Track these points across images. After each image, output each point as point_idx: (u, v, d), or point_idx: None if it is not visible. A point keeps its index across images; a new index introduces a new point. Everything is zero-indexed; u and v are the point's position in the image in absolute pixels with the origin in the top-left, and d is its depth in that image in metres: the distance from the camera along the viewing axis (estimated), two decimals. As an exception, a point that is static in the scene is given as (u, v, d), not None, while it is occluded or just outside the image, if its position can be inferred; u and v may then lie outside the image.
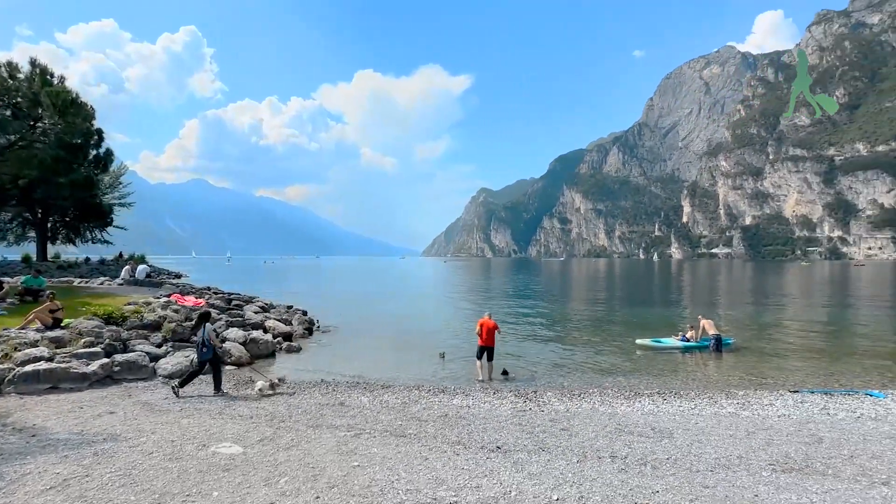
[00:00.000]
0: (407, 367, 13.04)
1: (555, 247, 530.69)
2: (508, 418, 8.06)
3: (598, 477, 5.48)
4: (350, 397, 9.48)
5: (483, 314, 12.66)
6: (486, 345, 11.91)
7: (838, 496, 5.01)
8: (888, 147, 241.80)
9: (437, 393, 9.99)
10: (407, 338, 18.13)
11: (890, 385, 11.10)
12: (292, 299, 27.57)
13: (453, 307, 30.92)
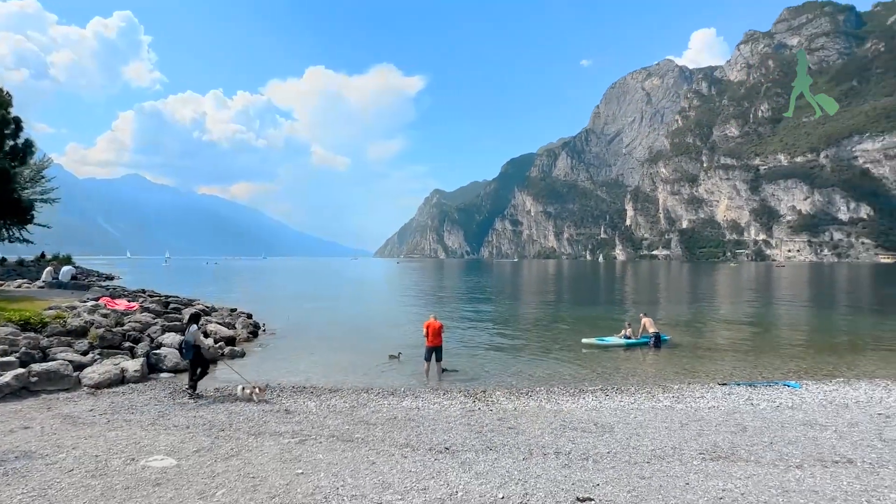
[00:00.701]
0: (357, 371, 12.81)
1: (506, 248, 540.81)
2: (458, 419, 8.11)
3: (543, 473, 5.61)
4: (296, 403, 9.19)
5: (428, 315, 12.67)
6: (434, 345, 11.96)
7: (759, 480, 5.40)
8: (805, 159, 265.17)
9: (386, 395, 9.88)
10: (357, 340, 17.82)
11: (804, 376, 12.13)
12: (236, 302, 26.42)
13: (406, 309, 30.76)
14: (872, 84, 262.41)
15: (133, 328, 13.71)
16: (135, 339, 12.89)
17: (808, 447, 6.58)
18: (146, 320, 14.97)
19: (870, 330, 21.08)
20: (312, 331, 19.86)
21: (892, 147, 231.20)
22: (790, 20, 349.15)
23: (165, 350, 12.31)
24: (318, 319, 23.95)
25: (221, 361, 12.63)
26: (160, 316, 16.83)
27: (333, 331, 20.23)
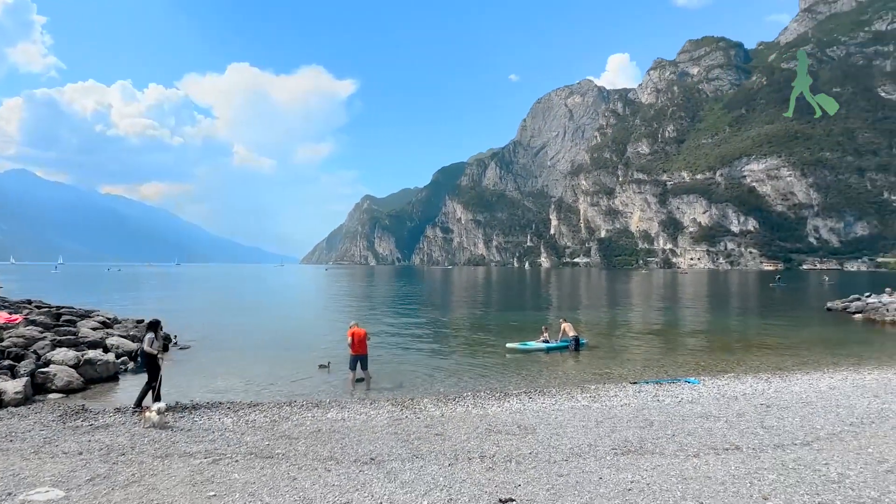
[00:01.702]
0: (281, 383, 12.23)
1: (437, 255, 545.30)
2: (384, 428, 8.01)
3: (468, 478, 5.70)
4: (210, 419, 8.59)
5: (351, 323, 12.44)
6: (359, 353, 11.78)
7: (663, 470, 5.87)
8: (704, 176, 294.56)
9: (310, 408, 9.53)
10: (283, 351, 17.04)
11: (703, 372, 13.39)
12: (145, 312, 24.22)
13: (336, 316, 29.93)
14: (757, 112, 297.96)
15: (14, 344, 12.09)
16: (16, 356, 11.38)
17: (703, 437, 7.26)
18: (32, 335, 13.25)
19: (755, 329, 23.81)
20: (233, 343, 18.69)
21: (773, 168, 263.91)
22: (692, 51, 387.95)
23: (55, 368, 10.98)
24: (239, 330, 22.60)
25: (124, 378, 11.50)
26: (50, 329, 15.01)
27: (257, 342, 19.18)
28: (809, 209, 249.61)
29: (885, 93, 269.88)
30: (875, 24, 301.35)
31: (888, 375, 12.05)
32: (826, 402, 9.35)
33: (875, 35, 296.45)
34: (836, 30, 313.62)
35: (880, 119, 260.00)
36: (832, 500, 4.90)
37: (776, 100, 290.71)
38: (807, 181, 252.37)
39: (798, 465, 5.91)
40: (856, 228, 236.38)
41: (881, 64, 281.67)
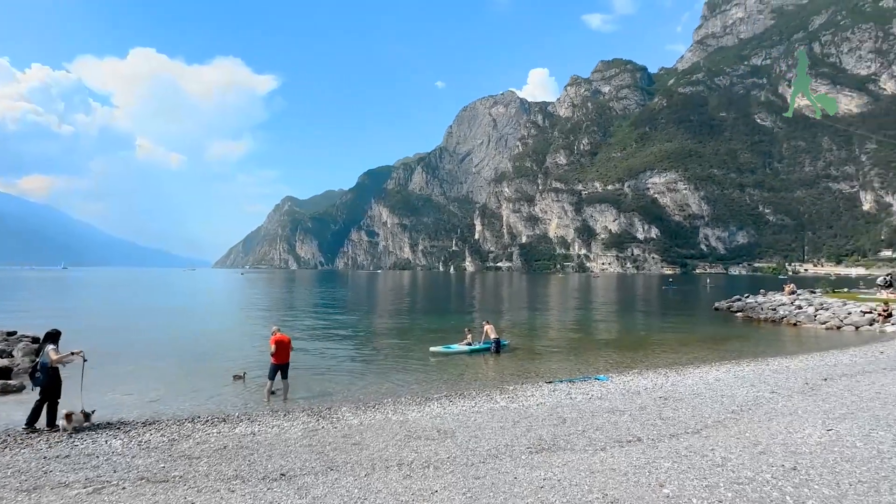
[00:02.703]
0: (185, 397, 11.21)
1: (362, 259, 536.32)
2: (298, 440, 7.60)
3: (384, 488, 5.55)
4: (95, 443, 7.62)
5: (273, 329, 11.78)
6: (281, 362, 11.16)
7: (573, 466, 6.13)
8: (614, 187, 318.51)
9: (216, 423, 8.81)
10: (190, 362, 15.67)
11: (611, 370, 14.32)
12: (18, 322, 21.15)
13: (252, 323, 28.18)
14: (659, 131, 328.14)
15: None
16: None
17: (610, 431, 7.71)
18: None
19: (655, 328, 26.02)
20: (132, 355, 16.85)
21: (672, 182, 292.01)
22: (603, 71, 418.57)
23: None
24: (140, 341, 20.45)
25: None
26: None
27: (161, 354, 17.46)
28: (701, 220, 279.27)
29: (760, 119, 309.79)
30: (753, 59, 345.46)
31: (762, 367, 13.68)
32: (713, 392, 10.38)
33: (753, 68, 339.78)
34: (722, 62, 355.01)
35: (756, 142, 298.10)
36: (717, 482, 5.40)
37: (674, 120, 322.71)
38: (699, 194, 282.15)
39: (689, 452, 6.46)
40: (737, 237, 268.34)
41: (757, 94, 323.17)
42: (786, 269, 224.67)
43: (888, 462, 5.84)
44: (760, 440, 6.90)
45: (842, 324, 23.65)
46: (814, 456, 6.15)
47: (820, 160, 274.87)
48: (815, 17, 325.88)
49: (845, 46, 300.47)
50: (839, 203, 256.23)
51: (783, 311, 28.03)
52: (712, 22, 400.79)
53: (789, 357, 15.40)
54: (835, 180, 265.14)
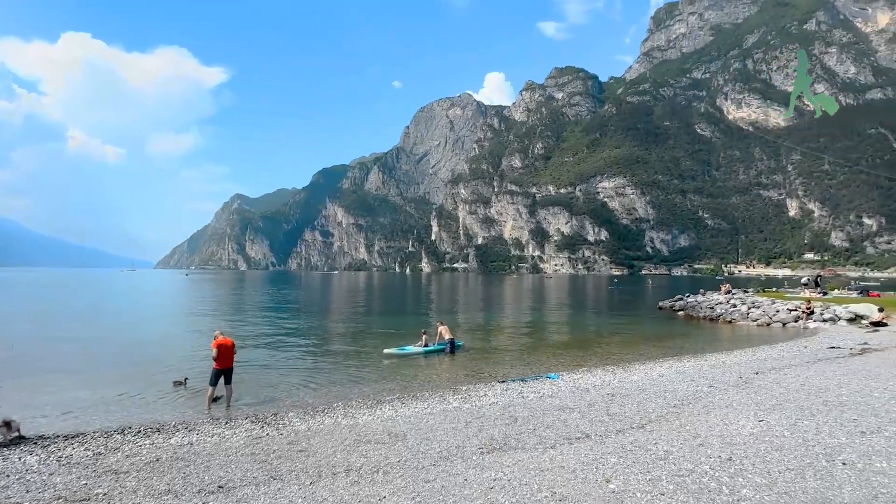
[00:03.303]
0: (116, 407, 10.41)
1: (316, 260, 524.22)
2: (240, 449, 7.20)
3: (330, 496, 5.33)
4: (7, 460, 6.89)
5: (216, 332, 11.18)
6: (225, 367, 10.61)
7: (523, 465, 6.13)
8: (567, 191, 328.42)
9: (149, 433, 8.21)
10: (126, 369, 14.62)
11: (562, 368, 14.62)
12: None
13: (197, 326, 26.72)
14: (609, 138, 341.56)
15: None
16: None
17: (560, 429, 7.82)
18: None
19: (604, 327, 26.93)
20: (57, 361, 15.52)
21: (620, 187, 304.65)
22: (557, 78, 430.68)
23: None
24: (68, 346, 18.88)
25: None
26: None
27: (90, 361, 16.19)
28: (647, 223, 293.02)
29: (700, 129, 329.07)
30: (694, 72, 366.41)
31: (701, 362, 14.40)
32: (657, 388, 10.79)
33: (694, 81, 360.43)
34: (667, 74, 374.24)
35: (697, 150, 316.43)
36: (659, 475, 5.56)
37: (623, 127, 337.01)
38: (645, 199, 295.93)
39: (634, 447, 6.64)
40: (680, 240, 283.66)
41: (698, 105, 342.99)
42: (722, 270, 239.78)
43: (812, 450, 6.24)
44: (700, 433, 7.20)
45: (771, 321, 25.38)
46: (747, 446, 6.47)
47: (752, 169, 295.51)
48: (749, 36, 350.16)
49: (774, 64, 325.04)
50: (769, 209, 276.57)
51: (720, 309, 29.75)
52: (657, 36, 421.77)
53: (725, 353, 16.31)
54: (765, 188, 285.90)
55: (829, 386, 10.21)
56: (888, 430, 7.01)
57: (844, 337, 18.96)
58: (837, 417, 7.74)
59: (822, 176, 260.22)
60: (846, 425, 7.29)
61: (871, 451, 6.09)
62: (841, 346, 16.38)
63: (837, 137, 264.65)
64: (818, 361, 13.63)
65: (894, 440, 6.53)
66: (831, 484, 5.13)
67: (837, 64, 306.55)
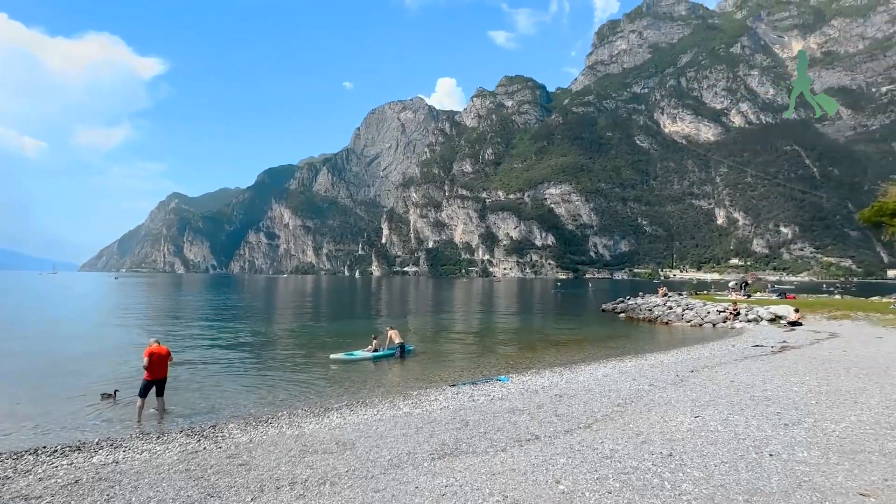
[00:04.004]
0: (31, 424, 9.39)
1: (261, 263, 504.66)
2: (173, 466, 6.69)
3: (273, 511, 5.04)
4: None
5: (150, 340, 10.40)
6: (157, 377, 9.87)
7: (475, 469, 6.10)
8: (516, 196, 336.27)
9: (67, 452, 7.46)
10: (45, 380, 13.25)
11: (511, 370, 14.81)
12: None
13: (127, 334, 24.75)
14: (555, 146, 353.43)
15: None
16: None
17: (510, 431, 7.87)
18: None
19: (550, 329, 27.66)
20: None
21: (566, 193, 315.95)
22: (507, 86, 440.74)
23: None
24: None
25: None
26: None
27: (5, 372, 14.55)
28: (591, 229, 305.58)
29: (639, 141, 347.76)
30: (634, 87, 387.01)
31: (642, 362, 15.08)
32: (602, 388, 11.15)
33: (634, 95, 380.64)
34: (609, 87, 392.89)
35: (636, 161, 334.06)
36: (606, 474, 5.70)
37: (569, 137, 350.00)
38: (589, 206, 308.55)
39: (582, 447, 6.79)
40: (621, 245, 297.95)
41: (637, 118, 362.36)
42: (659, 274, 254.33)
43: (743, 443, 6.64)
44: (642, 430, 7.48)
45: (703, 322, 27.09)
46: (685, 442, 6.79)
47: (685, 180, 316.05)
48: (683, 56, 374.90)
49: (705, 83, 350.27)
50: (700, 217, 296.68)
51: (657, 311, 31.42)
52: (601, 50, 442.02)
53: (663, 352, 17.19)
54: (696, 198, 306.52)
55: (755, 382, 10.98)
56: (807, 421, 7.60)
57: (766, 336, 20.55)
58: (763, 411, 8.32)
59: (745, 188, 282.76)
60: (771, 418, 7.83)
61: (793, 442, 6.57)
62: (764, 345, 17.71)
63: (759, 153, 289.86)
64: (745, 359, 14.65)
65: (813, 431, 7.08)
66: (760, 475, 5.46)
67: (759, 85, 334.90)
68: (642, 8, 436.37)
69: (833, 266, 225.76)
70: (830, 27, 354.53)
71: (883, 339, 17.90)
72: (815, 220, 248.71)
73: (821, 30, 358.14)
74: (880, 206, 34.16)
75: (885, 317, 23.85)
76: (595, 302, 52.82)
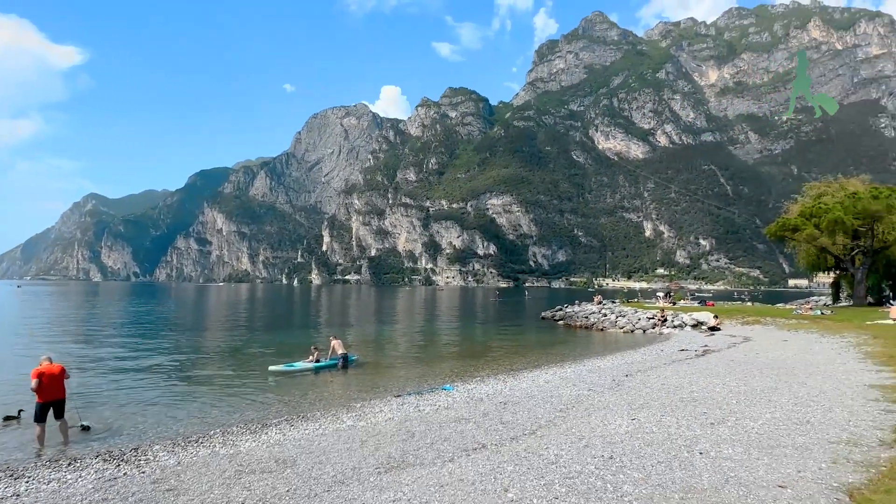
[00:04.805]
0: None
1: (190, 270, 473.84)
2: (87, 496, 6.01)
3: (206, 540, 4.65)
4: None
5: (41, 358, 9.22)
6: (52, 399, 8.77)
7: (422, 481, 5.98)
8: (458, 206, 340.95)
9: (-45, 487, 6.49)
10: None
11: (456, 379, 14.83)
12: None
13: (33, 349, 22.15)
14: (497, 158, 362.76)
15: None
16: None
17: (457, 440, 7.83)
18: None
19: (494, 337, 28.10)
20: None
21: (507, 204, 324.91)
22: (451, 97, 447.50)
23: None
24: None
25: None
26: None
27: None
28: (531, 239, 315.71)
29: (575, 156, 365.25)
30: (571, 104, 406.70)
31: (580, 368, 15.65)
32: (544, 394, 11.43)
33: (571, 112, 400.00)
34: (548, 103, 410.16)
35: (573, 174, 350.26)
36: (552, 479, 5.80)
37: (510, 149, 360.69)
38: (529, 217, 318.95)
39: (528, 453, 6.88)
40: (558, 255, 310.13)
41: (573, 134, 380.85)
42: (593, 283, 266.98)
43: (676, 442, 7.02)
44: (584, 434, 7.72)
45: (634, 328, 28.67)
46: (624, 444, 7.08)
47: (617, 194, 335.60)
48: (615, 77, 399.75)
49: (634, 104, 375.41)
50: (630, 229, 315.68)
51: (593, 318, 32.87)
52: (541, 68, 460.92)
53: (600, 358, 17.96)
54: (627, 211, 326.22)
55: (683, 384, 11.72)
56: (730, 420, 8.20)
57: (690, 340, 22.08)
58: (692, 412, 8.87)
59: (669, 202, 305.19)
60: (699, 418, 8.37)
61: (720, 440, 7.04)
62: (688, 349, 19.01)
63: (681, 171, 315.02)
64: (673, 363, 15.62)
65: (735, 429, 7.64)
66: (693, 473, 5.79)
67: (681, 109, 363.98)
68: (579, 31, 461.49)
69: (744, 276, 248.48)
70: (741, 60, 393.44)
71: (788, 342, 19.79)
72: (729, 234, 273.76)
73: (732, 62, 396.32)
74: (783, 222, 38.05)
75: (788, 322, 26.42)
76: (534, 310, 54.36)
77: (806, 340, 19.74)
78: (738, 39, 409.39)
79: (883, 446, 6.38)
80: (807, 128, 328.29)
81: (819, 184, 46.89)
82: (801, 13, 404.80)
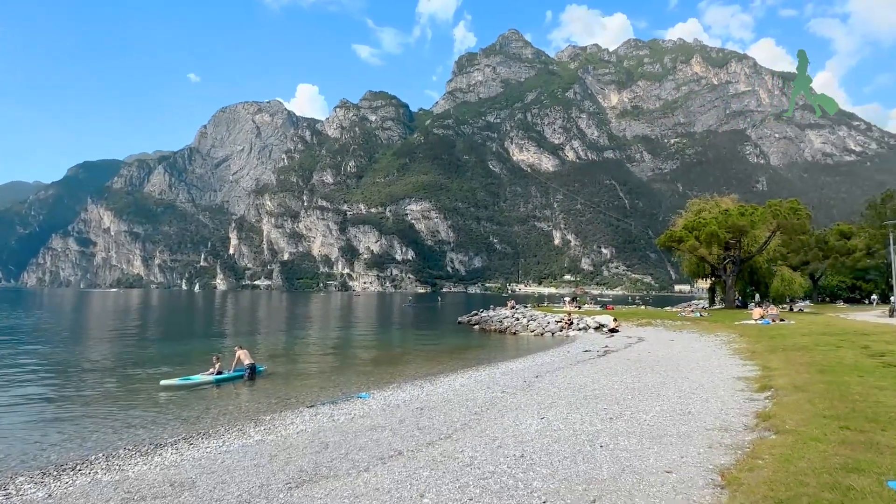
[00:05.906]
0: None
1: (68, 274, 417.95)
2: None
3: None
4: None
5: None
6: None
7: (337, 494, 5.80)
8: (377, 210, 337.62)
9: None
10: None
11: (372, 386, 14.59)
12: None
13: None
14: (417, 164, 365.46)
15: None
16: None
17: (373, 449, 7.70)
18: None
19: (409, 342, 28.12)
20: None
21: (426, 210, 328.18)
22: (371, 101, 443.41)
23: None
24: None
25: None
26: None
27: None
28: (448, 245, 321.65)
29: (492, 166, 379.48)
30: (488, 116, 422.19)
31: (494, 371, 16.19)
32: (460, 397, 11.64)
33: (488, 124, 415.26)
34: (467, 113, 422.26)
35: (489, 184, 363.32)
36: (467, 481, 5.92)
37: (430, 156, 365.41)
38: (447, 223, 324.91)
39: (444, 457, 6.96)
40: (475, 261, 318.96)
41: (490, 145, 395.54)
42: (507, 288, 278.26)
43: (580, 437, 7.52)
44: (497, 435, 7.99)
45: (544, 331, 30.28)
46: (534, 442, 7.44)
47: (530, 203, 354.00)
48: (529, 93, 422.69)
49: (546, 120, 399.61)
50: (541, 238, 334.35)
51: (507, 322, 34.20)
52: (460, 79, 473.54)
53: (513, 360, 18.71)
54: (538, 220, 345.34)
55: (587, 383, 12.59)
56: (626, 414, 8.95)
57: (593, 342, 23.81)
58: (594, 408, 9.57)
59: (576, 213, 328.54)
60: (600, 414, 9.05)
61: (617, 433, 7.67)
62: (591, 350, 20.49)
63: (586, 184, 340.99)
64: (578, 363, 16.73)
65: (630, 422, 8.36)
66: (594, 465, 6.24)
67: (587, 127, 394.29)
68: (496, 46, 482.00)
69: (639, 282, 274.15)
70: (637, 86, 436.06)
71: (674, 341, 22.12)
72: (626, 244, 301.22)
73: (630, 88, 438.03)
74: (670, 234, 42.60)
75: (675, 323, 29.55)
76: (451, 315, 55.28)
77: (688, 339, 22.20)
78: (635, 68, 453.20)
79: (747, 430, 7.36)
80: (689, 151, 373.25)
81: (699, 201, 53.31)
82: (685, 49, 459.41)
